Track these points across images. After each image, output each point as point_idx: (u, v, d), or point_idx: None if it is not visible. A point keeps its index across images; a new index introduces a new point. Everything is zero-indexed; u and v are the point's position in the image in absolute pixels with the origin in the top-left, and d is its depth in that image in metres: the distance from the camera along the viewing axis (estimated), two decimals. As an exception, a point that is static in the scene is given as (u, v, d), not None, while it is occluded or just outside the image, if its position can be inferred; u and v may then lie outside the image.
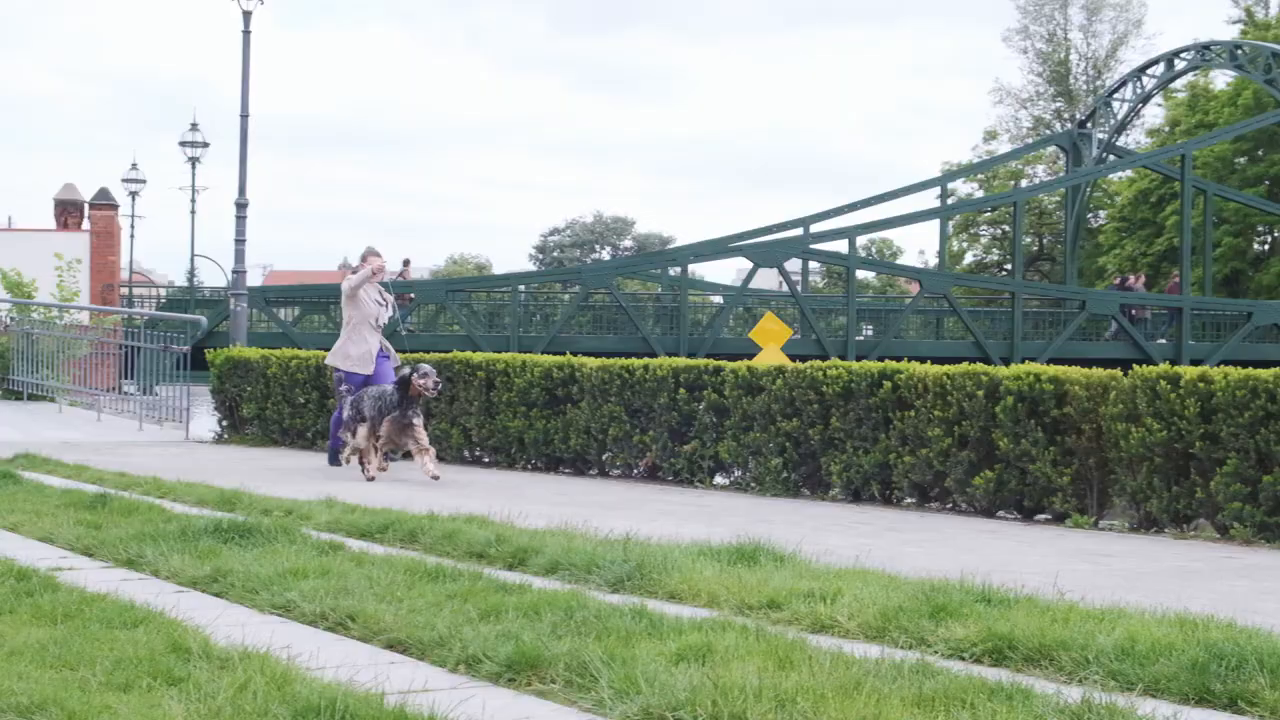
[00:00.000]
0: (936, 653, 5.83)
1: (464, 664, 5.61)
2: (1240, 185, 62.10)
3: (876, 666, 5.33)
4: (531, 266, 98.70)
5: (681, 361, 14.73)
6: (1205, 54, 53.81)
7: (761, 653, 5.54)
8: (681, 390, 14.30)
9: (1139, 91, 55.72)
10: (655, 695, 4.95)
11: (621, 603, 6.53)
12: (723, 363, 14.34)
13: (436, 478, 13.52)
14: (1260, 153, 64.32)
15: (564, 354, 16.01)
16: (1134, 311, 43.59)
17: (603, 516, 10.44)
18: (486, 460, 16.48)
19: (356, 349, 15.45)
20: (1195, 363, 32.12)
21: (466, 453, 16.75)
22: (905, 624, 6.19)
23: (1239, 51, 52.26)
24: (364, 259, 15.88)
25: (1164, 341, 43.07)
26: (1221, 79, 66.80)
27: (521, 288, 41.87)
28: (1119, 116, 55.57)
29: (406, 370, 14.03)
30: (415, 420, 13.98)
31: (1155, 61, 55.96)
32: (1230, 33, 68.28)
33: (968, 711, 4.78)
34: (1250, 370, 10.84)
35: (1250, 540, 10.42)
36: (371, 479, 13.94)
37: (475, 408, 16.32)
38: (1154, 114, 73.46)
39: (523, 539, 8.54)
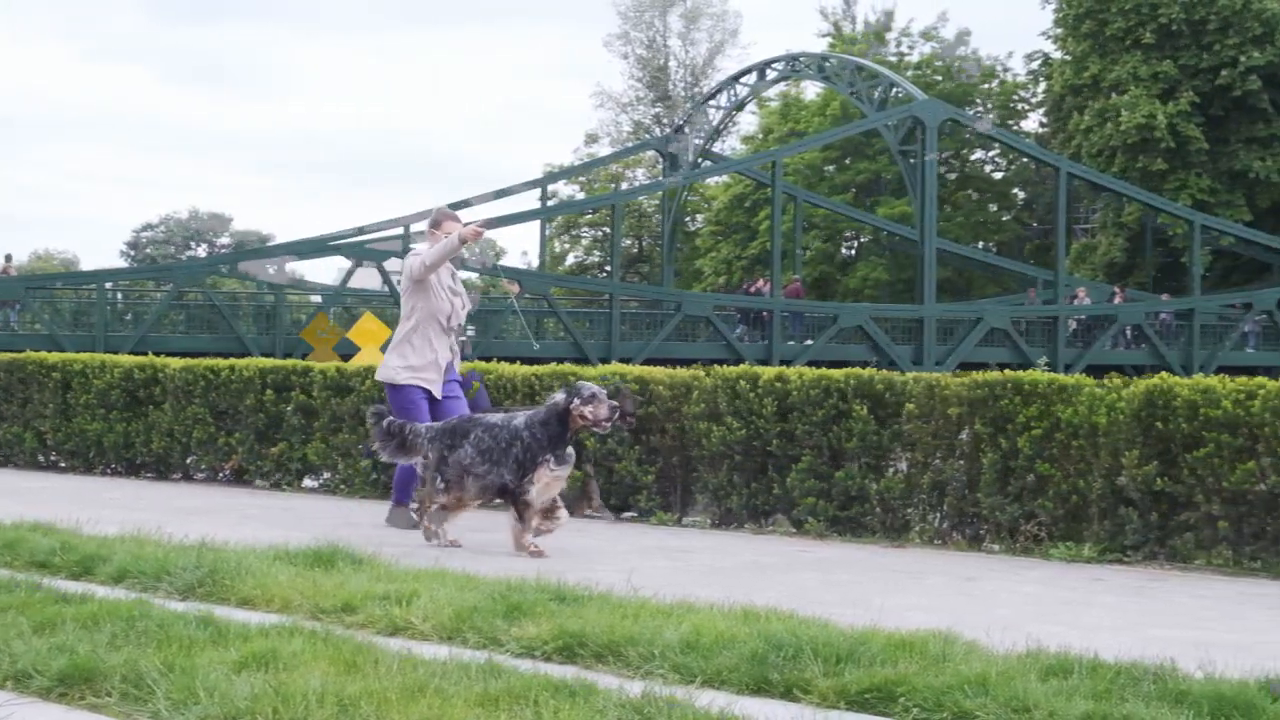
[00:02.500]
0: (508, 652, 5.86)
1: (12, 680, 5.37)
2: (829, 192, 64.71)
3: (444, 668, 5.32)
4: (123, 263, 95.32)
5: (269, 362, 14.41)
6: (795, 65, 55.75)
7: (328, 657, 5.46)
8: (269, 391, 13.97)
9: (733, 99, 57.40)
10: (215, 705, 4.84)
11: (188, 610, 6.35)
12: (311, 363, 14.10)
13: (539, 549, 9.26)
14: (847, 161, 67.15)
15: (150, 355, 15.50)
16: (764, 314, 44.81)
17: (181, 522, 10.12)
18: (63, 465, 15.78)
19: (420, 356, 10.64)
20: (784, 363, 33.25)
21: (41, 457, 16.01)
22: (479, 624, 6.20)
23: (826, 64, 54.34)
24: (436, 226, 10.79)
25: (757, 342, 44.37)
26: (812, 89, 69.48)
27: (109, 285, 40.41)
28: (714, 123, 57.13)
29: (561, 396, 9.29)
30: (565, 468, 9.43)
31: (749, 70, 57.68)
32: (820, 46, 71.13)
33: (531, 709, 4.81)
34: (824, 370, 11.27)
35: (823, 534, 10.82)
36: (454, 542, 9.59)
37: (50, 410, 15.61)
38: (749, 121, 75.97)
39: (90, 546, 8.21)
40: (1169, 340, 47.05)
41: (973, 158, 68.66)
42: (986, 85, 68.43)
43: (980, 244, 66.45)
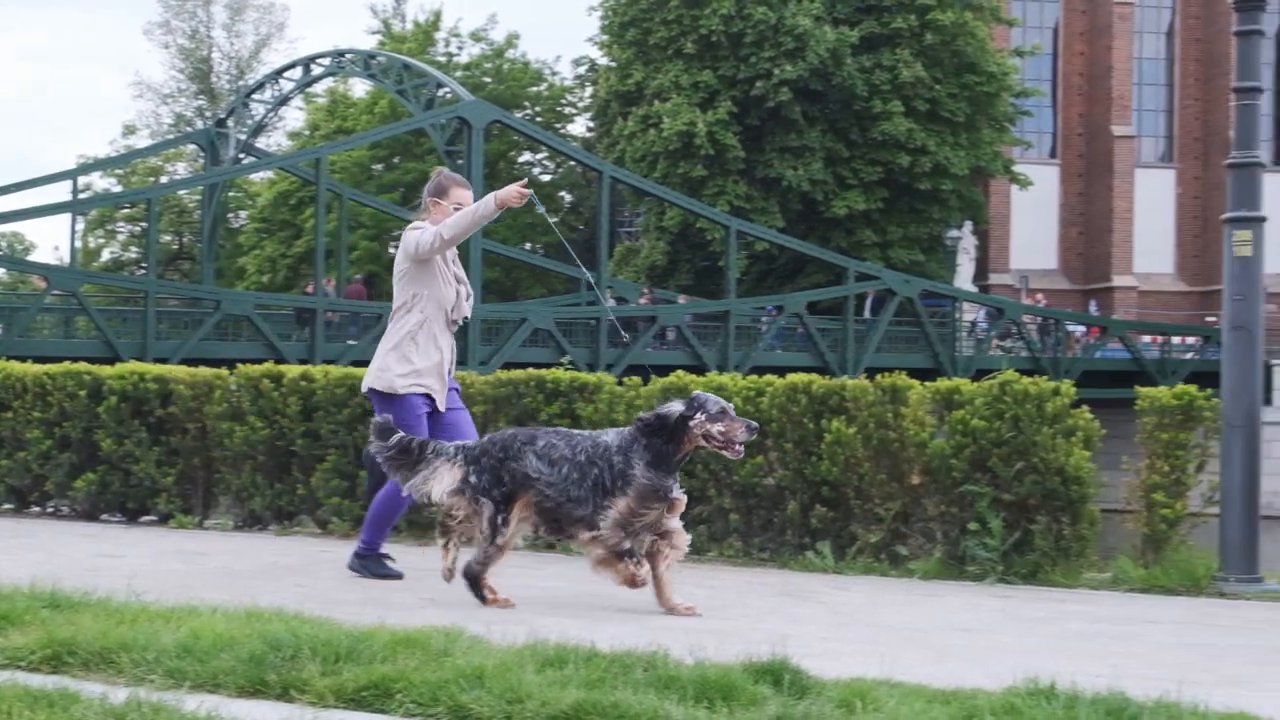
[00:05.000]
0: (-9, 663, 5.56)
1: None
2: (377, 191, 64.34)
3: (-92, 685, 5.00)
4: None
5: None
6: (341, 61, 55.13)
7: None
8: None
9: (278, 94, 56.42)
10: None
11: None
12: None
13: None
14: (396, 160, 66.99)
15: None
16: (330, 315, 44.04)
17: None
18: None
19: (425, 357, 8.35)
20: (329, 362, 32.84)
21: None
22: (-41, 636, 5.86)
23: (374, 61, 53.86)
24: (441, 195, 8.50)
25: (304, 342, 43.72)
26: (362, 88, 68.96)
27: None
28: (257, 117, 56.02)
29: (678, 406, 7.28)
30: (679, 497, 7.39)
31: (294, 65, 56.68)
32: (370, 43, 70.61)
33: (3, 722, 4.58)
34: (349, 369, 11.20)
35: (349, 534, 10.71)
36: (510, 603, 7.53)
37: None
38: (296, 117, 74.90)
39: None
40: (706, 341, 48.61)
41: (520, 160, 69.45)
42: (535, 89, 69.34)
43: (528, 245, 67.29)
